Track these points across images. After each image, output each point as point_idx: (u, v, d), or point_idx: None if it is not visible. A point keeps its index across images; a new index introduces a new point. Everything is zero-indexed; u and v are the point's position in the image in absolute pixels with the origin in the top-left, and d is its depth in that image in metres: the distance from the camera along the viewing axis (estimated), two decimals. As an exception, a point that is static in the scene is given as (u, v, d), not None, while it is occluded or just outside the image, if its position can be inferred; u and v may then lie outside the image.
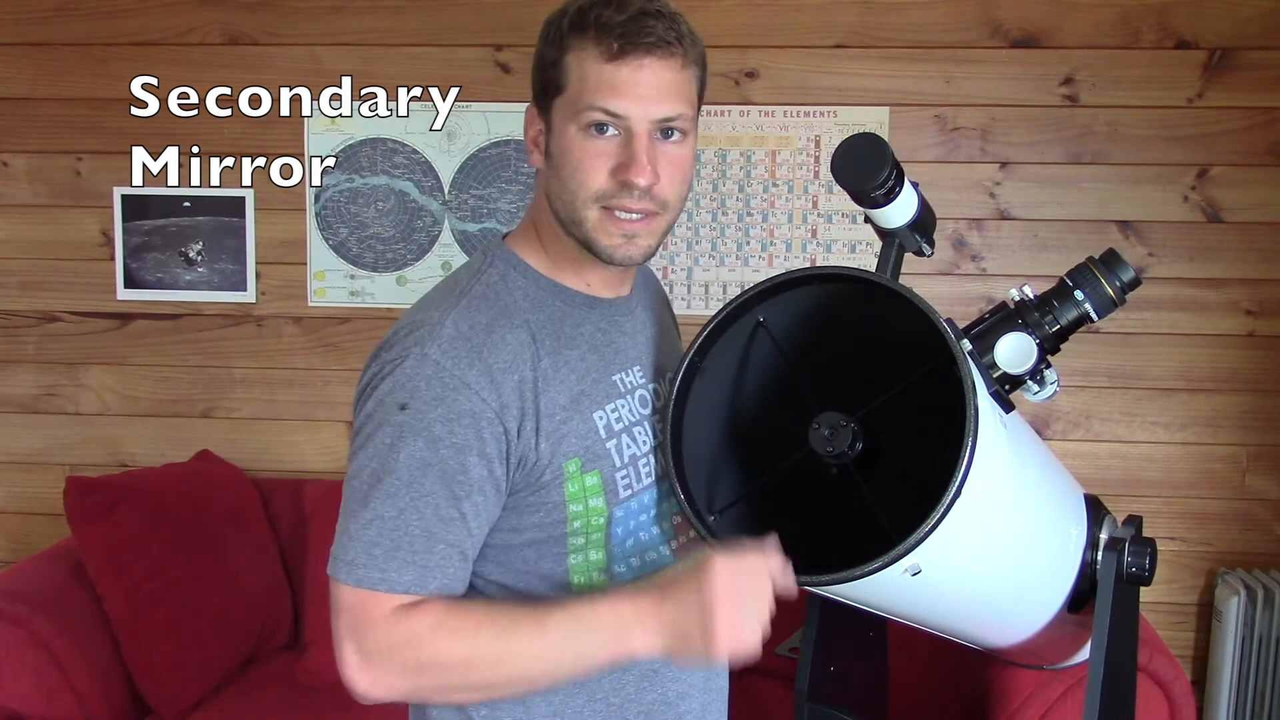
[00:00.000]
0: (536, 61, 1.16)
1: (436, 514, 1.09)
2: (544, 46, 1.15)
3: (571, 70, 1.12)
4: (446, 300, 1.16)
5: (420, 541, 1.09)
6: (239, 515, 2.59)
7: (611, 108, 1.11)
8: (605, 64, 1.10)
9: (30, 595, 2.24)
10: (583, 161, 1.13)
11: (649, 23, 1.10)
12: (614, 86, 1.10)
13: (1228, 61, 2.58)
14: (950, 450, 1.04)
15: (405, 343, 1.12)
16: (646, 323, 1.31)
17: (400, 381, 1.10)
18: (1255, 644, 2.54)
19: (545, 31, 1.15)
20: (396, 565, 1.08)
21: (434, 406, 1.09)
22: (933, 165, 2.65)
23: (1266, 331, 2.64)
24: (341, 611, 1.10)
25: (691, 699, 1.28)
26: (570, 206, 1.15)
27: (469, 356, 1.10)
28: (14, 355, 2.88)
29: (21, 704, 2.15)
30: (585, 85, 1.11)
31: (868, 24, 2.63)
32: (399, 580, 1.08)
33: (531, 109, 1.18)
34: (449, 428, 1.09)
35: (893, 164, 1.13)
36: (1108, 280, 1.19)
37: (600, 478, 1.18)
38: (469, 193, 2.75)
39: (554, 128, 1.15)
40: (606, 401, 1.20)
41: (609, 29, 1.09)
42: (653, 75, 1.11)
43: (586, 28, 1.11)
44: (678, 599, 1.06)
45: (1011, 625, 1.35)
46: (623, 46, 1.10)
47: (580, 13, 1.11)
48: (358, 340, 2.80)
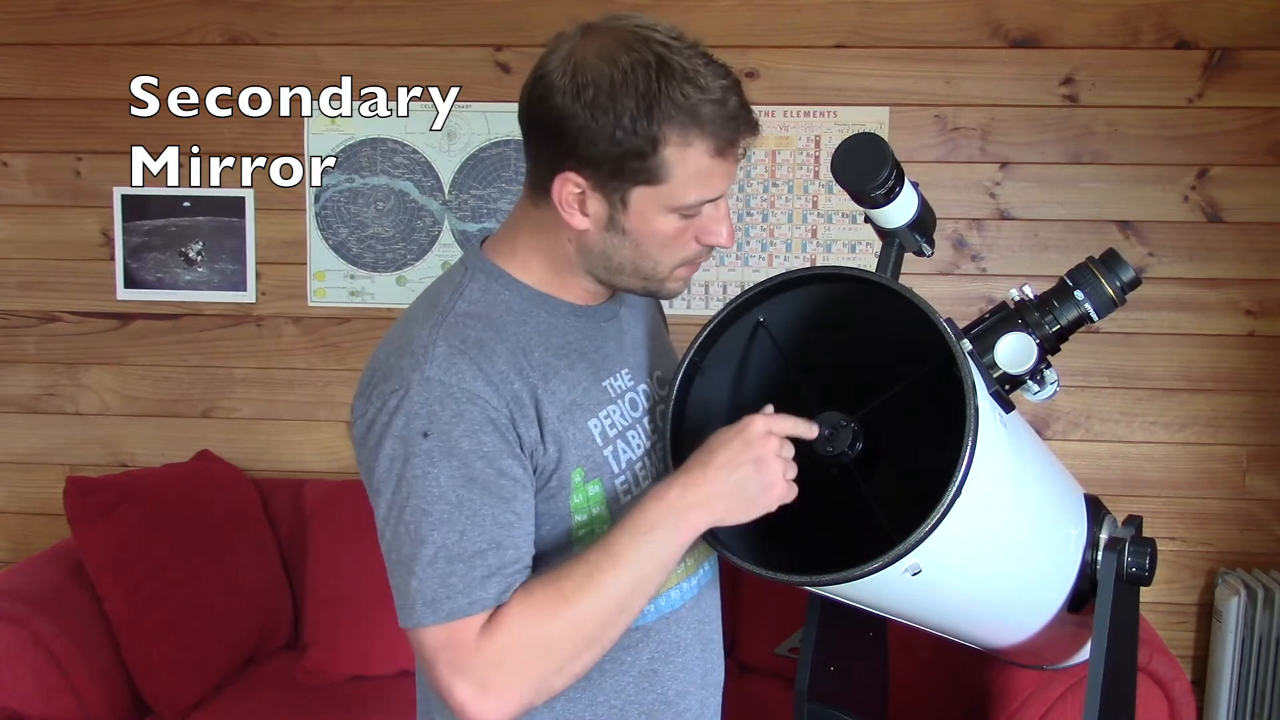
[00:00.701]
0: (603, 141, 1.06)
1: (496, 523, 1.08)
2: (620, 129, 1.06)
3: (675, 167, 1.08)
4: (430, 318, 1.14)
5: (493, 555, 1.08)
6: (239, 515, 2.59)
7: (716, 195, 1.12)
8: (716, 159, 1.09)
9: (30, 595, 2.24)
10: (677, 240, 1.13)
11: (746, 108, 1.11)
12: (721, 177, 1.11)
13: (1228, 61, 2.58)
14: (950, 450, 1.04)
15: (400, 370, 1.09)
16: (632, 323, 1.31)
17: (413, 411, 1.07)
18: (1255, 644, 2.54)
19: (614, 112, 1.05)
20: (479, 584, 1.07)
21: (455, 424, 1.07)
22: (933, 165, 2.65)
23: (1266, 331, 2.64)
24: (438, 654, 1.07)
25: (690, 696, 1.28)
26: (648, 272, 1.16)
27: (470, 369, 1.09)
28: (14, 355, 2.88)
29: (21, 704, 2.15)
30: (692, 181, 1.09)
31: (868, 24, 2.63)
32: (486, 597, 1.07)
33: (576, 177, 1.10)
34: (475, 440, 1.08)
35: (893, 164, 1.13)
36: (1108, 280, 1.19)
37: (601, 486, 1.18)
38: (469, 193, 2.75)
39: (633, 209, 1.11)
40: (599, 409, 1.20)
41: (721, 128, 1.08)
42: None
43: (689, 123, 1.06)
44: (728, 465, 1.08)
45: (1011, 625, 1.35)
46: (735, 145, 1.10)
47: (676, 106, 1.05)
48: (358, 340, 2.80)
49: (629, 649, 1.22)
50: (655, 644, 1.24)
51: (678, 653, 1.27)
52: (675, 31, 1.10)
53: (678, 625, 1.26)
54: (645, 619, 1.23)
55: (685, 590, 1.28)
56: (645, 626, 1.23)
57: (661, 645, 1.25)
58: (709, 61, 1.09)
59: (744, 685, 2.36)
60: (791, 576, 1.09)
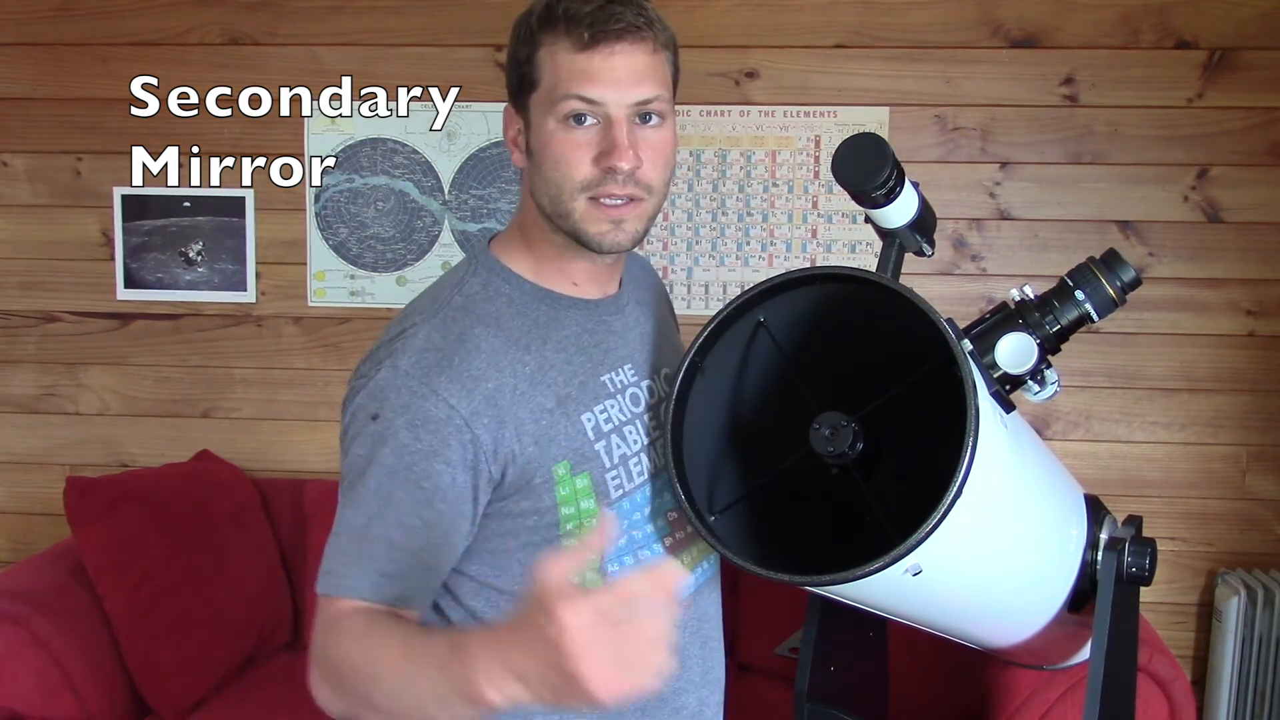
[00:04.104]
0: (510, 60, 1.18)
1: (399, 522, 1.10)
2: (515, 45, 1.16)
3: (544, 64, 1.13)
4: (427, 310, 1.17)
5: (381, 548, 1.10)
6: (239, 515, 2.59)
7: (588, 94, 1.11)
8: (578, 54, 1.11)
9: (30, 595, 2.24)
10: (565, 153, 1.13)
11: (616, 9, 1.11)
12: (588, 75, 1.11)
13: (1228, 61, 2.58)
14: (951, 450, 1.04)
15: (380, 355, 1.14)
16: (640, 319, 1.31)
17: (372, 393, 1.12)
18: (1255, 644, 2.54)
19: (516, 30, 1.17)
20: (358, 571, 1.10)
21: (400, 414, 1.10)
22: (933, 165, 2.65)
23: (1266, 331, 2.64)
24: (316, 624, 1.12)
25: (688, 694, 1.28)
26: (556, 199, 1.15)
27: (438, 365, 1.11)
28: (14, 355, 2.88)
29: (21, 704, 2.15)
30: (559, 77, 1.12)
31: (868, 24, 2.63)
32: (357, 586, 1.09)
33: (509, 108, 1.20)
34: (414, 434, 1.10)
35: (893, 164, 1.13)
36: (1108, 280, 1.19)
37: (590, 479, 1.18)
38: (469, 193, 2.75)
39: (533, 124, 1.16)
40: (595, 403, 1.20)
41: (578, 19, 1.10)
42: (626, 60, 1.12)
43: (555, 21, 1.12)
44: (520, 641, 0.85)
45: (1012, 625, 1.35)
46: (594, 35, 1.10)
47: (548, 8, 1.12)
48: (358, 340, 2.80)
49: None
50: None
51: (675, 650, 1.27)
52: None
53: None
54: None
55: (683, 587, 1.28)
56: None
57: None
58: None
59: (744, 685, 2.36)
60: (791, 576, 1.09)
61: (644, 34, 1.12)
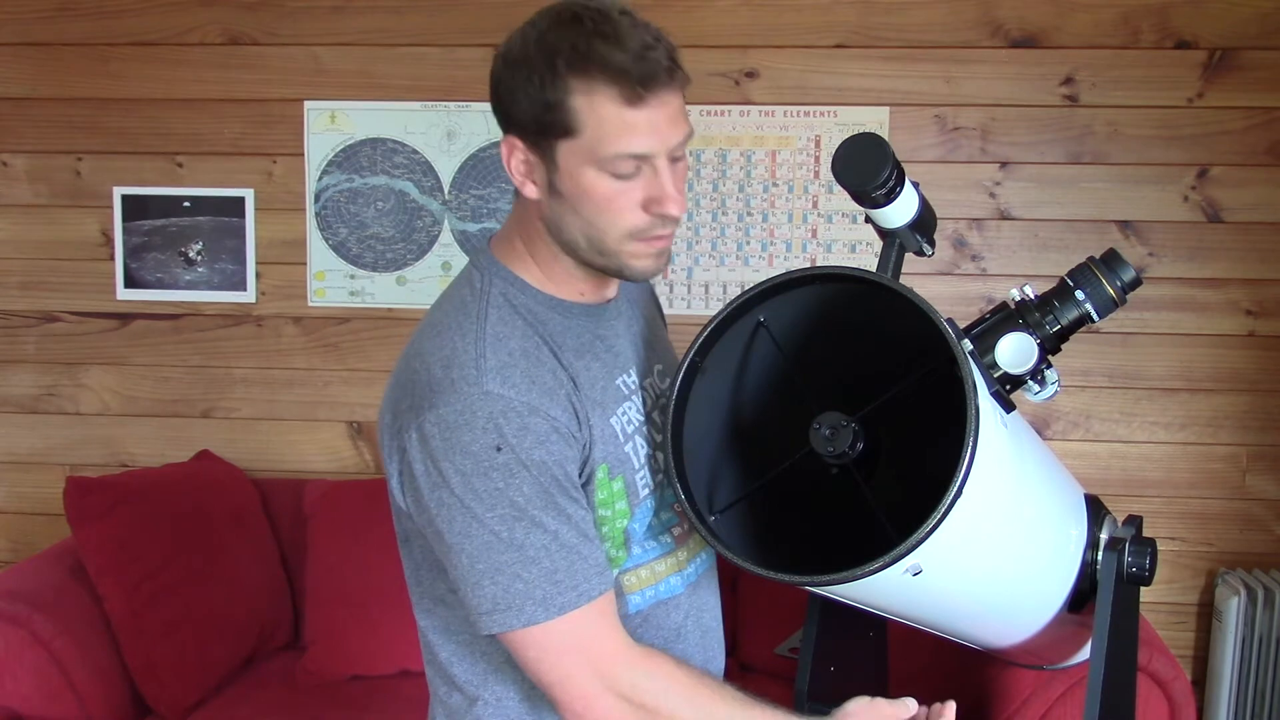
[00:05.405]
0: (522, 96, 1.10)
1: (577, 518, 1.12)
2: (531, 84, 1.09)
3: (584, 114, 1.08)
4: (466, 329, 1.15)
5: (586, 547, 1.12)
6: (239, 515, 2.59)
7: (640, 151, 1.10)
8: (626, 108, 1.08)
9: (30, 595, 2.23)
10: (613, 203, 1.12)
11: (650, 53, 1.08)
12: (638, 130, 1.09)
13: (1228, 61, 2.58)
14: (951, 450, 1.04)
15: (454, 384, 1.10)
16: (633, 319, 1.33)
17: (480, 426, 1.09)
18: (1255, 644, 2.54)
19: (528, 67, 1.09)
20: (582, 577, 1.10)
21: (524, 436, 1.09)
22: (933, 165, 2.65)
23: (1266, 331, 2.64)
24: (562, 653, 1.11)
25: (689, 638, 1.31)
26: (599, 242, 1.15)
27: (524, 382, 1.12)
28: (14, 355, 2.87)
29: (21, 704, 2.15)
30: (606, 132, 1.08)
31: (868, 24, 2.63)
32: (592, 588, 1.11)
33: (516, 141, 1.14)
34: (545, 449, 1.11)
35: (893, 164, 1.13)
36: (1108, 280, 1.19)
37: (624, 482, 1.21)
38: (469, 193, 2.75)
39: (562, 168, 1.11)
40: (617, 406, 1.22)
41: (623, 70, 1.07)
42: (668, 108, 1.11)
43: (591, 69, 1.07)
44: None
45: (1012, 625, 1.35)
46: (644, 88, 1.08)
47: (576, 51, 1.07)
48: (358, 340, 2.80)
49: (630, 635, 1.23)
50: (654, 630, 1.26)
51: (677, 639, 1.29)
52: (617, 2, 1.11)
53: (675, 611, 1.29)
54: (643, 605, 1.25)
55: (685, 576, 1.30)
56: (643, 613, 1.25)
57: (660, 631, 1.27)
58: (635, 23, 1.10)
59: (744, 685, 2.35)
60: (792, 576, 1.09)
61: (676, 73, 1.11)
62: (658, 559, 1.27)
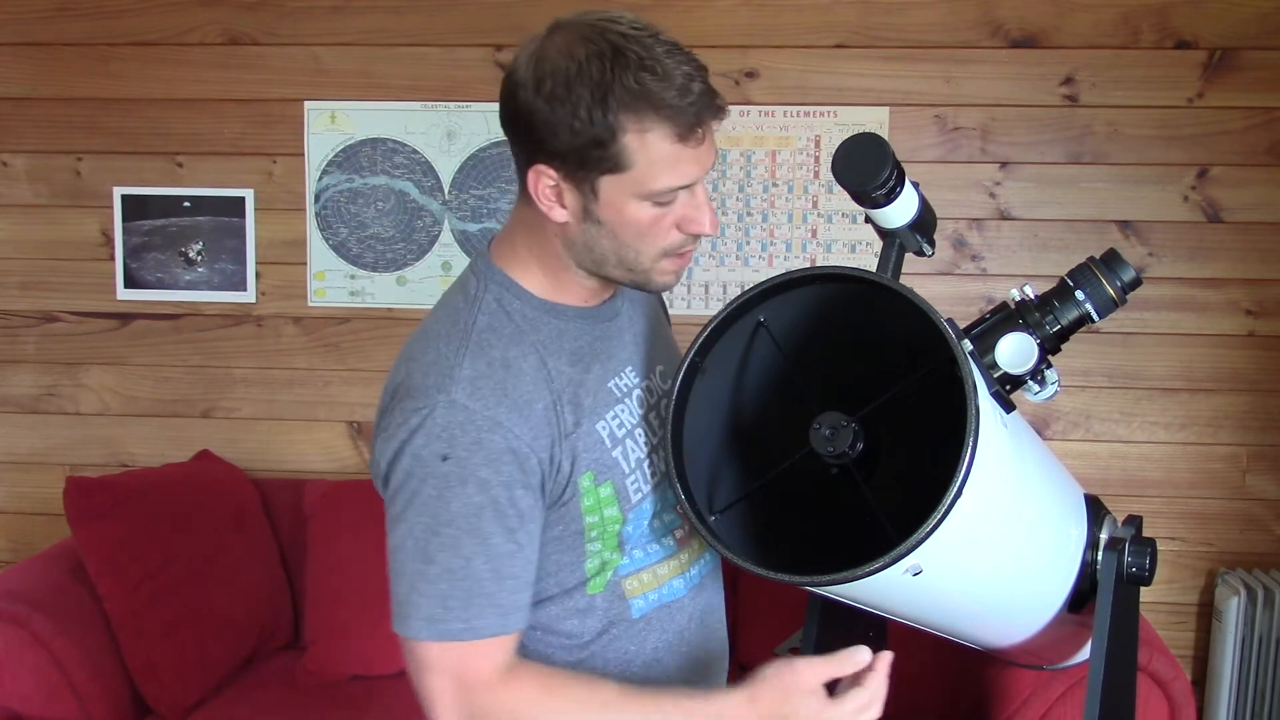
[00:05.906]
0: (565, 132, 1.07)
1: (499, 552, 1.10)
2: (577, 120, 1.06)
3: (635, 152, 1.08)
4: (452, 335, 1.15)
5: (491, 583, 1.10)
6: (239, 515, 2.59)
7: (687, 182, 1.11)
8: (679, 145, 1.08)
9: (30, 595, 2.24)
10: (655, 228, 1.13)
11: (698, 88, 1.08)
12: (687, 163, 1.10)
13: (1228, 61, 2.58)
14: (951, 450, 1.04)
15: (425, 390, 1.11)
16: (634, 318, 1.32)
17: (434, 433, 1.09)
18: (1255, 644, 2.54)
19: (572, 103, 1.06)
20: (476, 611, 1.09)
21: (475, 451, 1.09)
22: (933, 165, 2.65)
23: (1266, 331, 2.64)
24: (432, 671, 1.11)
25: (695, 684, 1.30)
26: (631, 262, 1.16)
27: (494, 394, 1.11)
28: (14, 355, 2.88)
29: (21, 704, 2.15)
30: (658, 169, 1.09)
31: (868, 24, 2.63)
32: (483, 626, 1.10)
33: (547, 170, 1.11)
34: (494, 468, 1.10)
35: (893, 164, 1.13)
36: (1108, 280, 1.19)
37: (613, 488, 1.20)
38: (469, 193, 2.75)
39: (604, 199, 1.11)
40: (606, 410, 1.21)
41: (678, 110, 1.06)
42: (711, 137, 1.12)
43: (643, 109, 1.06)
44: (770, 700, 1.10)
45: (1012, 625, 1.35)
46: (699, 130, 1.09)
47: (630, 93, 1.05)
48: (358, 340, 2.80)
49: (634, 639, 1.24)
50: (659, 633, 1.26)
51: (681, 641, 1.29)
52: (640, 24, 1.10)
53: (680, 614, 1.28)
54: (647, 609, 1.25)
55: (688, 579, 1.29)
56: (648, 616, 1.25)
57: (665, 634, 1.27)
58: (671, 50, 1.08)
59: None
60: (792, 576, 1.09)
61: (722, 106, 1.12)
62: (660, 562, 1.27)
